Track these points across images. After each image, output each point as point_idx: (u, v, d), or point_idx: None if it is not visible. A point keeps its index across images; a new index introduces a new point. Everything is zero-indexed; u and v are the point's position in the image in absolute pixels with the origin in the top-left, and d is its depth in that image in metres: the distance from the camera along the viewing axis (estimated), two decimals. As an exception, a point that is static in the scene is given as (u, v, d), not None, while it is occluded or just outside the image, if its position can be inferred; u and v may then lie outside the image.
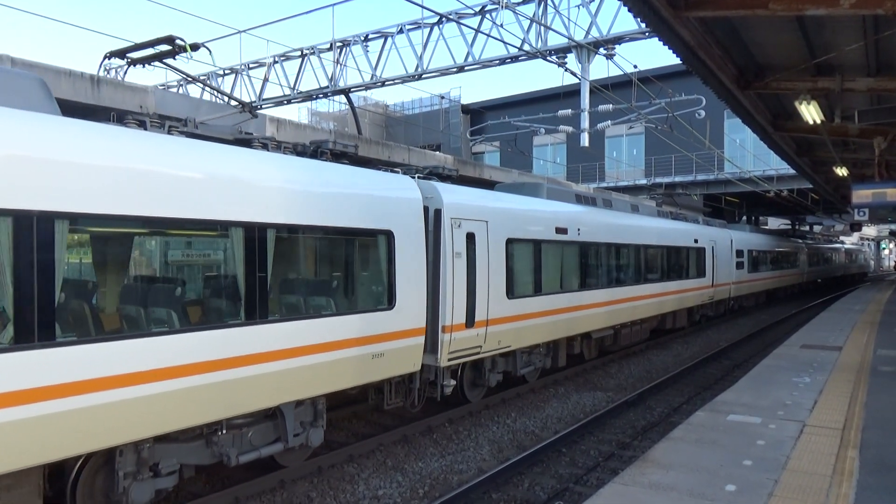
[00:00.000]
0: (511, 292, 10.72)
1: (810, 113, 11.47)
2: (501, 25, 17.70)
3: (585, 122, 18.79)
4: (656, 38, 9.07)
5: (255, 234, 6.60)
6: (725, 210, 37.54)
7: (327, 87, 22.91)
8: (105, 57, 7.63)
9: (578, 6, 17.78)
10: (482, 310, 9.97)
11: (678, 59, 9.69)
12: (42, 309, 5.08)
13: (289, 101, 24.86)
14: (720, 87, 11.07)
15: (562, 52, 17.77)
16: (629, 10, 8.11)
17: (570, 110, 19.87)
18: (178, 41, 7.00)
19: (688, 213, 22.85)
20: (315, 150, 8.28)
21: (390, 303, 8.31)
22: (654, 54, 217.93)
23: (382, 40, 21.63)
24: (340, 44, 22.47)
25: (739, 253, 24.32)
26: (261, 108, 24.66)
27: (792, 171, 26.18)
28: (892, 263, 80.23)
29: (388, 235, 8.32)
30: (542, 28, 17.95)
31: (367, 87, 22.62)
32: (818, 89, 11.19)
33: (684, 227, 19.21)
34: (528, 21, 18.07)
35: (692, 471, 5.52)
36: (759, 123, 14.02)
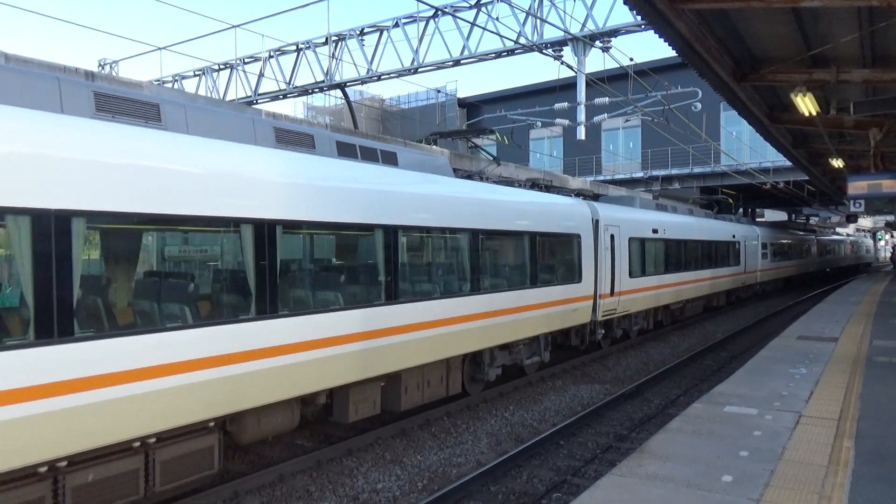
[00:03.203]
0: (631, 273, 15.52)
1: (806, 105, 11.47)
2: (497, 19, 17.63)
3: (582, 116, 18.76)
4: (652, 31, 9.07)
5: (532, 238, 11.49)
6: (722, 202, 37.56)
7: (323, 81, 22.84)
8: (431, 135, 13.44)
9: (574, -1, 17.74)
10: (617, 284, 14.80)
11: (674, 51, 9.69)
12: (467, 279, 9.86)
13: (284, 96, 24.80)
14: (716, 79, 11.07)
15: (558, 45, 17.73)
16: (625, 3, 8.11)
17: (566, 103, 19.85)
18: (488, 129, 13.15)
19: (726, 216, 27.24)
20: (533, 184, 14.13)
21: (579, 278, 13.07)
22: (651, 47, 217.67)
23: (378, 34, 21.55)
24: (336, 38, 22.39)
25: (764, 245, 28.78)
26: (257, 104, 24.60)
27: (788, 164, 26.18)
28: (888, 254, 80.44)
29: (578, 237, 13.11)
30: (538, 21, 17.91)
31: (362, 81, 22.56)
32: (814, 81, 11.20)
33: (725, 225, 23.96)
34: (524, 14, 18.02)
35: (689, 462, 5.55)
36: (755, 116, 14.03)
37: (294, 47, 23.59)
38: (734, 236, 24.45)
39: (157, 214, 5.84)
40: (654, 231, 16.99)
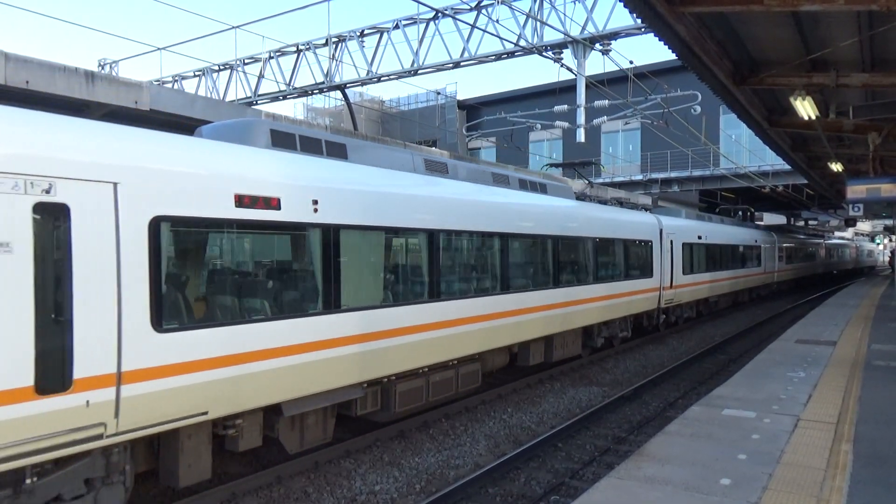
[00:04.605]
0: (683, 271, 19.15)
1: (805, 108, 11.48)
2: (497, 21, 17.66)
3: (581, 118, 18.79)
4: (652, 34, 9.08)
5: (625, 243, 15.35)
6: (721, 206, 37.55)
7: (323, 82, 22.86)
8: (549, 165, 20.33)
9: (574, 1, 17.78)
10: (675, 280, 18.53)
11: (674, 54, 9.69)
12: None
13: (284, 97, 24.82)
14: (716, 82, 11.07)
15: (558, 47, 17.78)
16: (625, 6, 8.10)
17: (566, 106, 19.87)
18: (593, 161, 23.05)
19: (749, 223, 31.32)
20: (620, 202, 17.71)
21: (651, 274, 16.86)
22: (650, 50, 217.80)
23: (378, 36, 21.59)
24: (336, 39, 22.42)
25: (780, 249, 32.51)
26: (256, 104, 24.61)
27: (787, 167, 26.22)
28: (887, 258, 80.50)
29: (651, 242, 16.88)
30: (538, 23, 17.94)
31: (362, 82, 22.60)
32: (813, 85, 11.20)
33: (750, 231, 27.82)
34: (524, 16, 18.06)
35: (687, 464, 5.55)
36: (754, 119, 14.03)
37: (294, 48, 23.62)
38: (756, 241, 28.04)
39: (468, 230, 9.89)
40: (699, 237, 20.77)
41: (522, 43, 17.88)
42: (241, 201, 6.37)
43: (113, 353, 5.31)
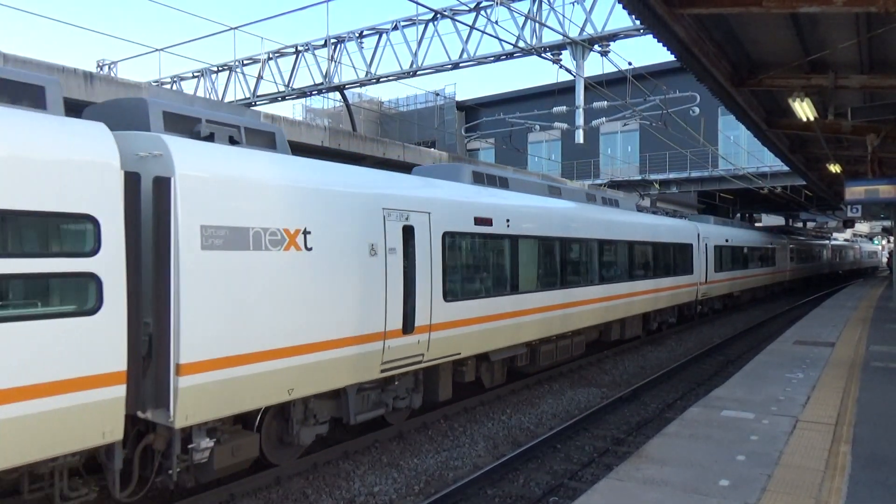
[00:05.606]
0: (715, 269, 22.59)
1: (804, 110, 11.50)
2: (496, 22, 17.65)
3: (580, 119, 18.78)
4: (651, 36, 9.09)
5: (674, 246, 18.60)
6: (720, 207, 37.60)
7: (322, 83, 22.84)
8: (604, 183, 30.05)
9: (573, 3, 17.77)
10: (708, 276, 21.75)
11: (673, 56, 9.70)
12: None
13: (283, 98, 24.79)
14: (715, 84, 11.09)
15: (556, 48, 17.75)
16: (624, 7, 8.11)
17: (564, 107, 19.83)
18: (651, 181, 30.88)
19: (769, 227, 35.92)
20: (665, 212, 20.61)
21: (691, 272, 20.03)
22: (649, 51, 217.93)
23: (377, 37, 21.56)
24: (335, 40, 22.39)
25: (791, 251, 36.03)
26: (255, 105, 24.60)
27: (786, 168, 26.23)
28: (885, 260, 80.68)
29: (691, 245, 20.08)
30: (537, 25, 17.95)
31: (361, 83, 22.56)
32: (812, 86, 11.22)
33: (766, 235, 31.51)
34: (523, 18, 18.06)
35: (686, 466, 5.55)
36: (753, 120, 14.04)
37: (293, 49, 23.57)
38: (771, 243, 31.47)
39: (580, 238, 13.19)
40: (726, 240, 24.12)
41: (521, 44, 17.87)
42: (475, 221, 9.99)
43: (428, 313, 8.82)
